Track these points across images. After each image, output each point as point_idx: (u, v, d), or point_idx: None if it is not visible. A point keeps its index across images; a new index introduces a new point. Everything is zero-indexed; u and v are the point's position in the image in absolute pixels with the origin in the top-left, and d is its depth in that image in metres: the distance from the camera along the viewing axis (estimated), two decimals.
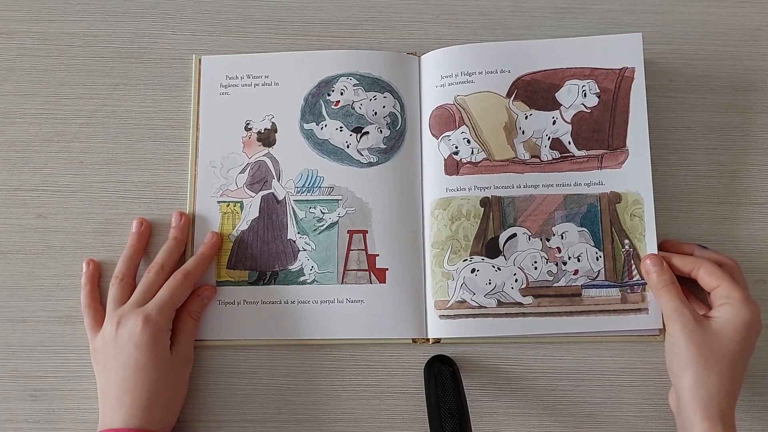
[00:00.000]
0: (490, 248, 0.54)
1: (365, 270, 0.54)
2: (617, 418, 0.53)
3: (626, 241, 0.53)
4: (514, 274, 0.53)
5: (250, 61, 0.58)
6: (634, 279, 0.53)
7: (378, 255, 0.54)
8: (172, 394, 0.49)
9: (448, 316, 0.53)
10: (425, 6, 0.61)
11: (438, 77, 0.56)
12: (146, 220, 0.55)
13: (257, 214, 0.56)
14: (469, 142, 0.55)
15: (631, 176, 0.54)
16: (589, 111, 0.55)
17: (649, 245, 0.53)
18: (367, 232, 0.55)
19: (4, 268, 0.55)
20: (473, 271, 0.53)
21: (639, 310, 0.52)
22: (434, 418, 0.49)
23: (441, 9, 0.61)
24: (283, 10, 0.61)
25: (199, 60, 0.58)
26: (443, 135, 0.55)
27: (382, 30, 0.60)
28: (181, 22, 0.60)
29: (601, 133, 0.55)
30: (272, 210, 0.56)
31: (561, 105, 0.55)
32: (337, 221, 0.55)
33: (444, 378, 0.50)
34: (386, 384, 0.54)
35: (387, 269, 0.54)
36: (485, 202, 0.54)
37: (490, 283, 0.53)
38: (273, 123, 0.57)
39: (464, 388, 0.50)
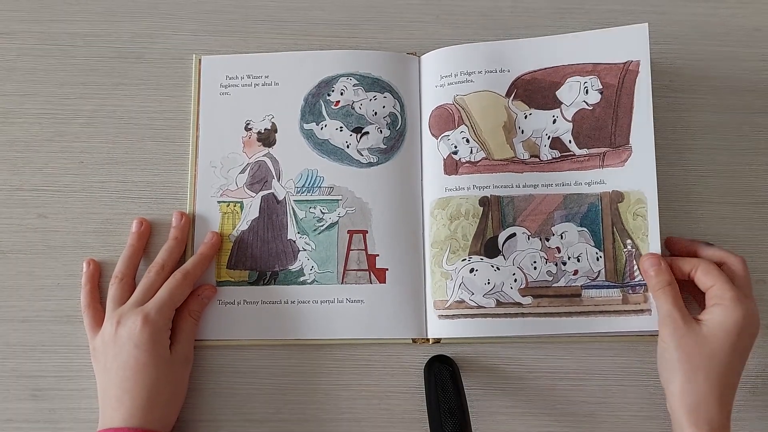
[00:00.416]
0: (488, 248, 0.53)
1: (365, 270, 0.54)
2: (617, 418, 0.53)
3: (628, 241, 0.52)
4: (513, 274, 0.53)
5: (250, 61, 0.58)
6: (636, 279, 0.52)
7: (378, 255, 0.54)
8: (171, 393, 0.49)
9: (446, 316, 0.52)
10: (425, 6, 0.61)
11: (438, 77, 0.56)
12: (146, 220, 0.55)
13: (257, 214, 0.56)
14: (468, 141, 0.55)
15: (635, 174, 0.53)
16: (590, 108, 0.54)
17: (652, 245, 0.52)
18: (367, 232, 0.55)
19: (5, 267, 0.55)
20: (472, 270, 0.53)
21: (641, 311, 0.51)
22: (434, 418, 0.49)
23: (441, 9, 0.61)
24: (283, 10, 0.61)
25: (199, 60, 0.58)
26: (442, 135, 0.55)
27: (382, 30, 0.60)
28: (181, 22, 0.60)
29: (603, 130, 0.54)
30: (272, 210, 0.56)
31: (562, 103, 0.55)
32: (337, 221, 0.55)
33: (444, 378, 0.50)
34: (386, 384, 0.54)
35: (387, 269, 0.54)
36: (484, 202, 0.54)
37: (488, 283, 0.53)
38: (273, 123, 0.57)
39: (464, 388, 0.50)
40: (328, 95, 0.57)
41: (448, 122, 0.55)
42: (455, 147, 0.55)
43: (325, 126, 0.57)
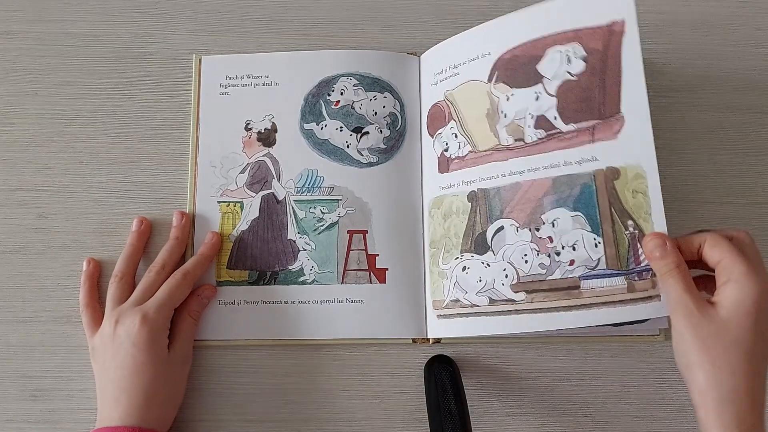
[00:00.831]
0: (478, 244, 0.51)
1: (365, 270, 0.54)
2: (617, 418, 0.53)
3: (630, 222, 0.46)
4: (504, 270, 0.49)
5: (250, 61, 0.58)
6: (642, 264, 0.46)
7: (378, 255, 0.54)
8: (169, 393, 0.49)
9: (444, 316, 0.52)
10: (425, 6, 0.61)
11: (432, 75, 0.56)
12: (146, 219, 0.55)
13: (257, 214, 0.56)
14: (456, 136, 0.53)
15: (630, 146, 0.46)
16: (575, 78, 0.49)
17: (656, 224, 0.45)
18: (367, 232, 0.55)
19: (5, 268, 0.55)
20: (464, 269, 0.51)
21: (649, 297, 0.45)
22: (434, 418, 0.49)
23: (441, 9, 0.61)
24: (283, 10, 0.61)
25: (199, 60, 0.58)
26: (437, 133, 0.55)
27: (382, 30, 0.60)
28: (181, 22, 0.60)
29: (590, 101, 0.48)
30: (272, 210, 0.56)
31: (543, 77, 0.50)
32: (337, 221, 0.55)
33: (444, 378, 0.50)
34: (386, 384, 0.54)
35: (387, 269, 0.54)
36: (472, 197, 0.52)
37: (480, 281, 0.50)
38: (273, 123, 0.57)
39: (464, 388, 0.50)
40: (328, 95, 0.57)
41: (440, 120, 0.55)
42: (446, 144, 0.54)
43: (325, 126, 0.57)
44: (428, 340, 0.53)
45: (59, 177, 0.57)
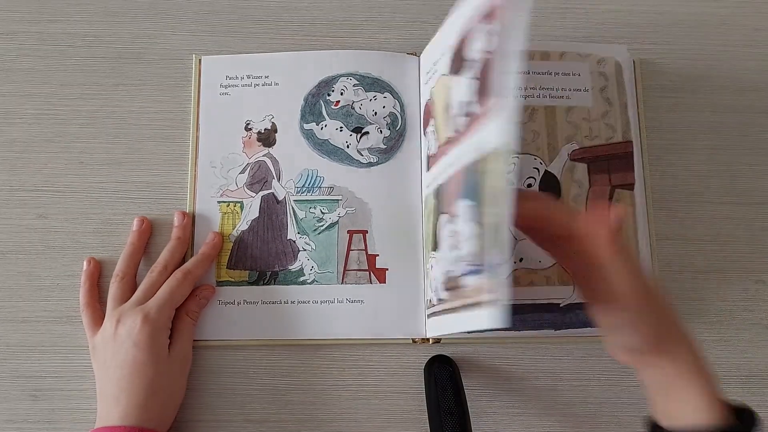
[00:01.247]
0: (436, 241, 0.49)
1: (365, 270, 0.54)
2: (617, 418, 0.53)
3: (490, 209, 0.39)
4: (441, 266, 0.47)
5: (250, 61, 0.58)
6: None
7: (378, 255, 0.54)
8: (169, 393, 0.49)
9: (428, 315, 0.52)
10: (425, 6, 0.61)
11: (425, 74, 0.56)
12: (147, 219, 0.55)
13: (257, 214, 0.56)
14: (434, 133, 0.52)
15: (499, 129, 0.38)
16: (487, 58, 0.41)
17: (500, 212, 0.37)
18: (367, 232, 0.55)
19: (5, 268, 0.55)
20: (431, 267, 0.50)
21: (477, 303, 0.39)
22: (434, 418, 0.49)
23: (441, 9, 0.61)
24: (283, 10, 0.61)
25: (199, 60, 0.58)
26: (427, 131, 0.55)
27: (382, 30, 0.60)
28: (181, 22, 0.60)
29: (488, 81, 0.40)
30: (272, 210, 0.56)
31: (473, 61, 0.43)
32: (337, 221, 0.55)
33: (444, 378, 0.50)
34: (386, 384, 0.54)
35: (387, 269, 0.54)
36: (437, 193, 0.50)
37: (435, 279, 0.49)
38: (273, 123, 0.57)
39: (464, 387, 0.51)
40: (328, 95, 0.57)
41: (429, 118, 0.55)
42: (429, 142, 0.53)
43: (325, 126, 0.57)
44: (428, 340, 0.53)
45: (59, 177, 0.57)
